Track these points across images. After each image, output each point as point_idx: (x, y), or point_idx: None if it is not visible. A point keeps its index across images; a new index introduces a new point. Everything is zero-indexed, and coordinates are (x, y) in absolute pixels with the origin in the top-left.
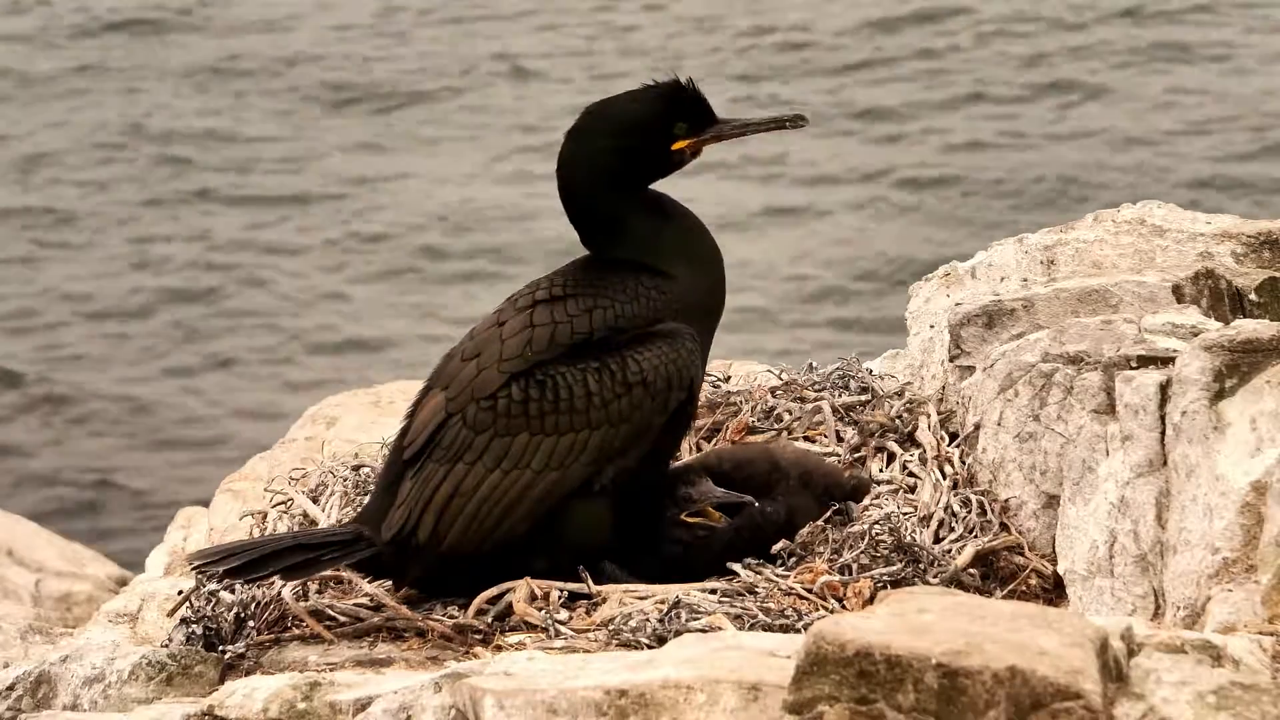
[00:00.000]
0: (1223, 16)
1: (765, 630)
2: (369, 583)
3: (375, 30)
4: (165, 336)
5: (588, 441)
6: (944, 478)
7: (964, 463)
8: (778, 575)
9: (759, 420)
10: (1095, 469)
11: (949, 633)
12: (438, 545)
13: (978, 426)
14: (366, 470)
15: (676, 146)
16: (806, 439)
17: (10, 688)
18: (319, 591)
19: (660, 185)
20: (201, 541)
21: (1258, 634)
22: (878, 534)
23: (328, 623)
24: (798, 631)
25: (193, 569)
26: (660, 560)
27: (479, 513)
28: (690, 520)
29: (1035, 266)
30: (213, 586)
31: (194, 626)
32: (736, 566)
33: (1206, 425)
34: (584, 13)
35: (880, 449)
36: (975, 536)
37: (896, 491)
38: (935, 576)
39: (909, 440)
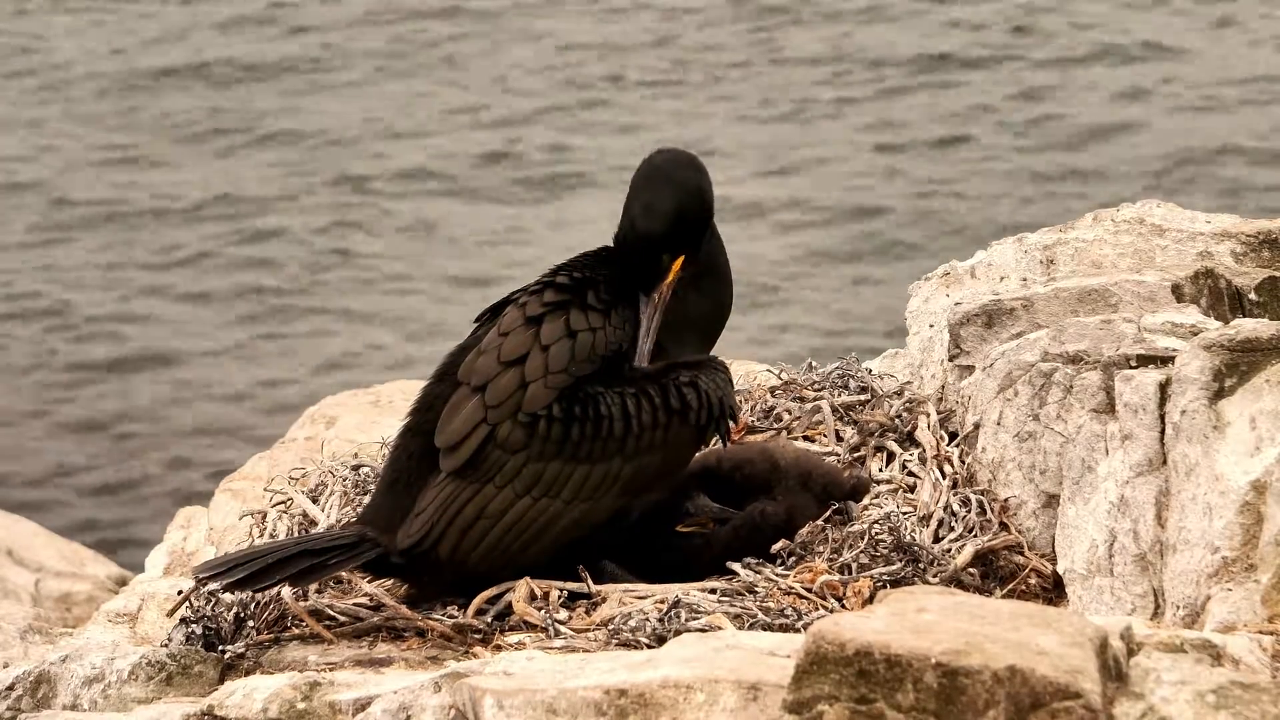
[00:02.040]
0: None
1: (765, 630)
2: (369, 582)
3: None
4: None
5: (620, 472)
6: (944, 477)
7: (963, 462)
8: (777, 575)
9: (759, 420)
10: (1095, 468)
11: (949, 632)
12: (457, 565)
13: (977, 426)
14: (366, 470)
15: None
16: (806, 438)
17: (10, 688)
18: (319, 591)
19: None
20: (201, 541)
21: (1257, 633)
22: (877, 533)
23: (327, 622)
24: (797, 631)
25: (198, 581)
26: (659, 560)
27: (503, 539)
28: (685, 530)
29: (1035, 266)
30: (212, 586)
31: (194, 626)
32: (736, 566)
33: (1206, 424)
34: None
35: (880, 448)
36: (975, 536)
37: (896, 491)
38: (935, 576)
39: (908, 440)
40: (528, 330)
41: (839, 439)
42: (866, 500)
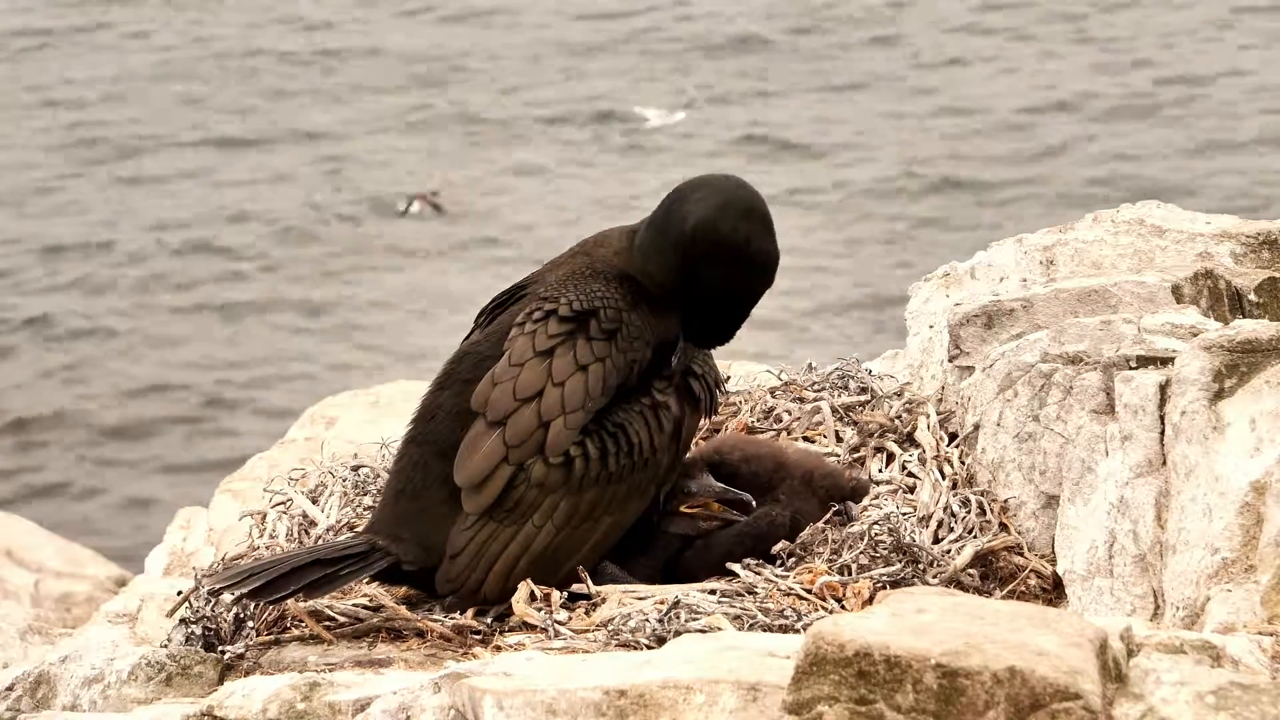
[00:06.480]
0: None
1: (765, 630)
2: (367, 582)
3: None
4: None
5: (640, 482)
6: (943, 478)
7: (963, 463)
8: (777, 576)
9: (758, 420)
10: (1094, 469)
11: (948, 633)
12: (505, 600)
13: (977, 427)
14: (366, 470)
15: None
16: (806, 439)
17: (9, 688)
18: None
19: None
20: (201, 542)
21: (1257, 634)
22: (877, 534)
23: (327, 623)
24: (797, 632)
25: (211, 592)
26: (660, 562)
27: (547, 568)
28: (689, 511)
29: (1034, 266)
30: (227, 599)
31: (193, 627)
32: (736, 567)
33: (1206, 425)
34: None
35: (879, 449)
36: (974, 537)
37: (896, 492)
38: (935, 577)
39: (908, 440)
40: (541, 364)
41: (839, 440)
42: (866, 501)
